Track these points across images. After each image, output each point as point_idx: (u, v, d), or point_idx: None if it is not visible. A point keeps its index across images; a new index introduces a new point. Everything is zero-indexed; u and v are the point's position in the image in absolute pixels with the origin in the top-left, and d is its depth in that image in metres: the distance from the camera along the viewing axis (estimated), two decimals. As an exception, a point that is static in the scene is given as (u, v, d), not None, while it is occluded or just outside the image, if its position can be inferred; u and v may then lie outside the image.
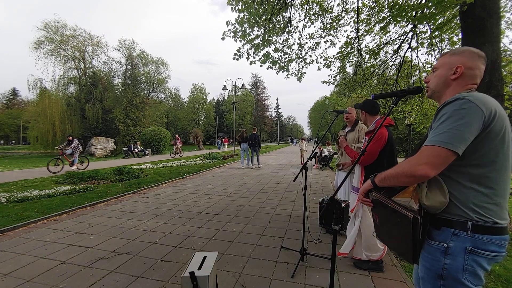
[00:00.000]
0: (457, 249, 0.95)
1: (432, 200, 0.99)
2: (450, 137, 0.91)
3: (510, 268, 2.35)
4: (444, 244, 0.98)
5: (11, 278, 2.31)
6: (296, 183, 6.70)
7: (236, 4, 5.34)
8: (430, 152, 0.93)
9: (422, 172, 0.93)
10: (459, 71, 1.06)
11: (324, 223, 3.35)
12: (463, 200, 0.96)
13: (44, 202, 4.82)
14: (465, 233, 0.94)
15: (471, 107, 0.91)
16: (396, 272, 2.43)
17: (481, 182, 0.95)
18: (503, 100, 3.41)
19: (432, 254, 1.01)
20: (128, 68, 28.70)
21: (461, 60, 1.06)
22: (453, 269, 0.96)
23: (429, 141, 0.96)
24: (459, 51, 1.09)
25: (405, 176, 0.98)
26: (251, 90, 60.39)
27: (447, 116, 0.94)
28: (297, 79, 7.01)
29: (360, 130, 3.28)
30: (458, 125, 0.91)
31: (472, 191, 0.95)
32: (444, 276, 0.98)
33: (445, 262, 0.97)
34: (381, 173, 1.12)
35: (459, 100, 0.94)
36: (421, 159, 0.94)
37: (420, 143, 1.15)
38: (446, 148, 0.91)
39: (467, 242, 0.94)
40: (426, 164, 0.92)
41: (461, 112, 0.92)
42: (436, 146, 0.92)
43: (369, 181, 1.18)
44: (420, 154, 0.96)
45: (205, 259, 1.79)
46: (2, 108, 55.73)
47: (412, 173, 0.95)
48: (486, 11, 3.27)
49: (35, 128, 23.43)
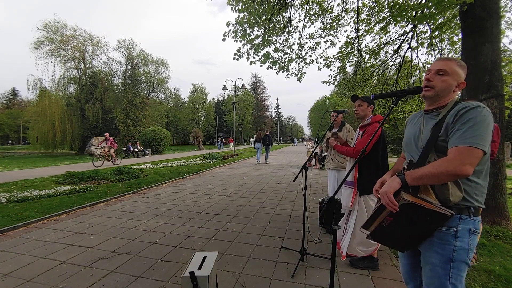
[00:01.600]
0: (463, 231, 1.11)
1: (454, 196, 1.09)
2: (484, 140, 1.04)
3: (510, 268, 2.35)
4: (454, 229, 1.11)
5: (11, 278, 2.31)
6: (296, 183, 6.70)
7: (236, 4, 5.34)
8: (471, 153, 1.04)
9: (466, 171, 1.03)
10: (461, 86, 1.22)
11: (324, 223, 3.38)
12: (469, 191, 1.11)
13: (44, 202, 4.82)
14: (468, 217, 1.11)
15: (489, 115, 1.08)
16: (396, 272, 2.43)
17: (480, 176, 1.13)
18: (503, 100, 3.41)
19: (443, 239, 1.13)
20: (128, 68, 28.65)
21: (463, 76, 1.22)
22: (461, 250, 1.10)
23: (466, 142, 1.05)
24: (463, 65, 1.22)
25: (447, 175, 1.05)
26: (251, 90, 60.37)
27: (475, 120, 1.06)
28: (297, 79, 7.01)
29: (347, 130, 3.36)
30: (487, 130, 1.05)
31: (474, 184, 1.11)
32: (454, 258, 1.11)
33: (456, 244, 1.11)
34: (413, 171, 1.12)
35: (480, 107, 1.08)
36: (464, 159, 1.04)
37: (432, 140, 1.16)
38: (482, 149, 1.04)
39: (469, 224, 1.11)
40: (470, 164, 1.03)
41: (486, 119, 1.06)
42: (474, 147, 1.04)
43: (398, 179, 1.13)
44: (462, 154, 1.05)
45: (205, 259, 1.79)
46: (2, 108, 55.71)
47: (457, 173, 1.04)
48: (486, 11, 3.27)
49: (35, 128, 23.40)
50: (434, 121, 1.21)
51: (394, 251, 2.86)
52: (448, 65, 1.19)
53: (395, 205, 1.10)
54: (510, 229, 3.22)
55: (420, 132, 1.26)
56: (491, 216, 3.34)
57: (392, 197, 1.11)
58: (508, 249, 2.77)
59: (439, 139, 1.15)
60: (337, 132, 2.89)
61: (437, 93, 1.21)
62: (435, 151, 1.16)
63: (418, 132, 1.27)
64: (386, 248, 2.89)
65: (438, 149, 1.15)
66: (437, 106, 1.24)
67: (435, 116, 1.22)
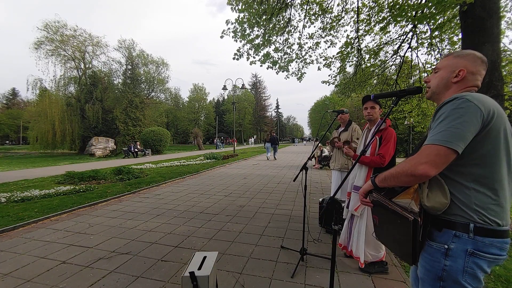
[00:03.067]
0: (457, 251, 0.95)
1: (432, 201, 0.98)
2: (449, 135, 0.90)
3: (510, 268, 2.35)
4: (445, 246, 0.97)
5: (11, 278, 2.31)
6: (296, 183, 6.70)
7: (236, 4, 5.34)
8: (430, 151, 0.92)
9: (423, 171, 0.92)
10: (461, 74, 1.05)
11: (324, 223, 3.38)
12: (465, 201, 0.95)
13: (44, 202, 4.82)
14: (467, 235, 0.94)
15: (469, 105, 0.91)
16: (396, 272, 2.43)
17: (483, 182, 0.94)
18: (503, 100, 3.41)
19: (432, 255, 1.01)
20: (128, 68, 28.65)
21: (464, 64, 1.06)
22: (453, 271, 0.95)
23: (428, 140, 0.95)
24: (463, 54, 1.08)
25: (405, 176, 0.97)
26: (251, 90, 60.33)
27: (445, 115, 0.94)
28: (297, 79, 7.01)
29: (354, 130, 3.31)
30: (457, 124, 0.90)
31: (474, 192, 0.94)
32: (443, 277, 0.97)
33: (445, 263, 0.97)
34: (382, 173, 1.11)
35: (457, 99, 0.94)
36: (421, 158, 0.93)
37: (420, 143, 1.14)
38: (446, 146, 0.90)
39: (468, 244, 0.93)
40: (427, 163, 0.91)
41: (460, 111, 0.91)
42: (436, 144, 0.92)
43: (369, 181, 1.17)
44: (420, 153, 0.95)
45: (205, 259, 1.79)
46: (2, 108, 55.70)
47: (412, 172, 0.94)
48: (486, 11, 3.27)
49: (35, 128, 23.43)
50: None
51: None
52: (442, 61, 1.14)
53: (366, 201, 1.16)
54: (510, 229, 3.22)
55: None
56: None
57: (361, 197, 1.19)
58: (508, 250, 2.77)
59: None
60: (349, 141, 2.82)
61: (433, 90, 1.15)
62: None
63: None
64: (385, 248, 2.89)
65: None
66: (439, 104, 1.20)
67: None
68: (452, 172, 0.98)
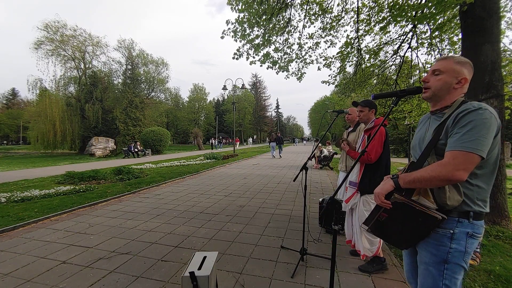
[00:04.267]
0: (461, 234, 1.09)
1: (452, 200, 1.07)
2: (481, 144, 1.01)
3: (510, 268, 2.35)
4: (451, 231, 1.10)
5: (11, 278, 2.31)
6: (296, 183, 6.70)
7: (236, 4, 5.34)
8: (466, 158, 1.02)
9: (460, 177, 1.01)
10: (462, 82, 1.16)
11: (324, 223, 3.38)
12: (470, 195, 1.09)
13: (44, 202, 4.82)
14: (467, 221, 1.09)
15: (492, 118, 1.03)
16: (396, 272, 2.43)
17: (483, 180, 1.09)
18: (503, 100, 3.41)
19: (439, 240, 1.12)
20: (128, 68, 28.64)
21: (465, 72, 1.16)
22: (457, 252, 1.09)
23: (462, 147, 1.03)
24: (463, 61, 1.17)
25: (440, 180, 1.05)
26: (251, 90, 60.30)
27: (474, 124, 1.03)
28: (297, 79, 7.02)
29: (361, 130, 3.30)
30: (485, 133, 1.02)
31: (476, 188, 1.09)
32: (448, 260, 1.10)
33: (451, 246, 1.10)
34: (407, 175, 1.13)
35: (481, 109, 1.04)
36: (458, 164, 1.02)
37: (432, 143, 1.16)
38: (478, 154, 1.01)
39: (468, 228, 1.09)
40: (464, 170, 1.01)
41: (487, 122, 1.02)
42: (471, 152, 1.01)
43: (391, 182, 1.17)
44: (456, 159, 1.03)
45: (205, 259, 1.79)
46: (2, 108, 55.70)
47: (450, 178, 1.02)
48: (486, 11, 3.27)
49: (35, 128, 23.41)
50: (438, 122, 1.19)
51: (394, 250, 2.86)
52: (444, 64, 1.17)
53: (387, 204, 1.17)
54: (510, 229, 3.22)
55: (425, 134, 1.25)
56: (491, 216, 3.34)
57: (383, 199, 1.18)
58: (508, 249, 2.77)
59: (440, 142, 1.13)
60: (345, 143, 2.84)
61: (434, 93, 1.19)
62: (435, 154, 1.15)
63: (423, 134, 1.26)
64: (386, 248, 2.89)
65: (438, 152, 1.14)
66: (441, 106, 1.21)
67: (440, 117, 1.20)
68: None
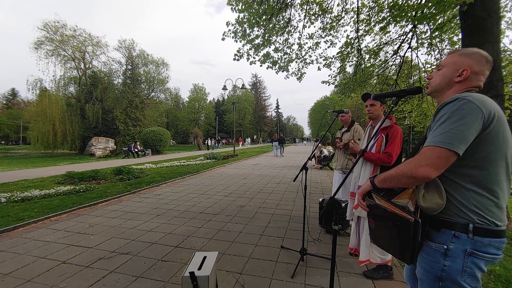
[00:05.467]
0: (457, 251, 0.95)
1: (429, 201, 0.98)
2: (451, 137, 0.89)
3: (510, 268, 2.35)
4: (444, 246, 0.97)
5: (11, 278, 2.31)
6: (296, 183, 6.70)
7: (236, 5, 5.34)
8: (431, 153, 0.92)
9: (424, 173, 0.92)
10: (464, 74, 1.03)
11: (324, 223, 3.38)
12: (464, 202, 0.95)
13: (44, 202, 4.82)
14: (466, 235, 0.94)
15: (471, 107, 0.90)
16: (396, 272, 2.43)
17: (481, 184, 0.94)
18: (503, 100, 3.40)
19: (431, 255, 1.00)
20: (128, 68, 28.64)
21: (469, 63, 1.03)
22: (452, 271, 0.95)
23: (429, 142, 0.95)
24: (469, 52, 1.05)
25: (406, 178, 0.97)
26: (251, 90, 60.32)
27: (447, 116, 0.93)
28: (297, 79, 7.02)
29: (355, 130, 3.33)
30: (459, 125, 0.89)
31: (472, 193, 0.94)
32: (442, 277, 0.97)
33: (445, 264, 0.96)
34: (381, 174, 1.10)
35: (459, 100, 0.92)
36: (422, 160, 0.93)
37: (420, 144, 1.14)
38: (447, 148, 0.89)
39: (467, 244, 0.93)
40: (428, 166, 0.91)
41: (461, 112, 0.90)
42: (437, 146, 0.91)
43: (368, 182, 1.15)
44: (420, 155, 0.95)
45: (205, 259, 1.79)
46: (2, 108, 55.70)
47: (413, 175, 0.94)
48: (486, 11, 3.27)
49: (35, 128, 23.41)
50: None
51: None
52: (447, 58, 1.11)
53: (364, 206, 1.12)
54: (510, 229, 3.22)
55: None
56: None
57: (360, 198, 1.14)
58: (508, 249, 2.77)
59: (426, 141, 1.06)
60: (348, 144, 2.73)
61: (434, 88, 1.13)
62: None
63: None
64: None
65: None
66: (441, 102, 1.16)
67: None
68: (451, 173, 0.97)
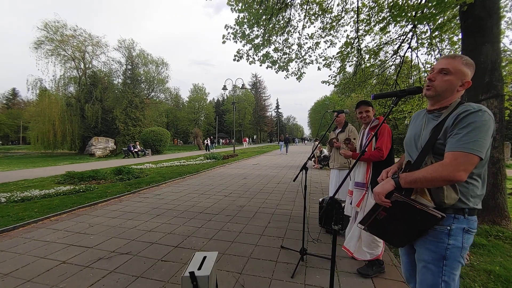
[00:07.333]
0: (457, 230, 1.12)
1: (450, 198, 1.10)
2: (481, 145, 1.03)
3: (510, 268, 2.35)
4: (448, 227, 1.13)
5: (11, 278, 2.31)
6: (296, 183, 6.70)
7: (236, 5, 5.34)
8: (466, 159, 1.04)
9: (460, 177, 1.03)
10: (466, 85, 1.17)
11: (324, 223, 3.39)
12: (465, 192, 1.12)
13: (44, 202, 4.82)
14: (463, 217, 1.12)
15: (490, 120, 1.06)
16: (396, 272, 2.43)
17: (477, 178, 1.13)
18: (503, 100, 3.40)
19: (437, 237, 1.14)
20: (128, 68, 28.60)
21: (470, 75, 1.17)
22: (455, 248, 1.12)
23: (461, 147, 1.05)
24: (470, 63, 1.17)
25: (442, 181, 1.06)
26: (251, 90, 60.31)
27: (474, 125, 1.05)
28: (296, 79, 7.01)
29: (350, 131, 3.35)
30: (484, 135, 1.04)
31: (471, 186, 1.12)
32: (447, 256, 1.13)
33: (449, 242, 1.12)
34: (408, 174, 1.14)
35: (482, 112, 1.06)
36: (459, 165, 1.03)
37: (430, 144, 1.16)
38: (478, 156, 1.03)
39: (464, 223, 1.12)
40: (464, 171, 1.03)
41: (486, 124, 1.05)
42: (471, 153, 1.03)
43: (391, 181, 1.17)
44: (456, 160, 1.04)
45: (205, 259, 1.79)
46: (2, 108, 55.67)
47: (451, 178, 1.04)
48: (486, 11, 3.27)
49: (35, 128, 23.41)
50: (435, 122, 1.19)
51: (394, 251, 2.86)
52: (452, 63, 1.15)
53: (386, 202, 1.17)
54: (510, 229, 3.22)
55: (421, 132, 1.25)
56: (491, 216, 3.33)
57: (383, 198, 1.17)
58: (508, 249, 2.77)
59: (438, 142, 1.14)
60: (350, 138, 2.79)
61: (439, 92, 1.18)
62: (432, 153, 1.16)
63: (419, 132, 1.26)
64: (386, 248, 2.88)
65: (436, 151, 1.15)
66: (439, 106, 1.22)
67: (437, 117, 1.20)
68: None
